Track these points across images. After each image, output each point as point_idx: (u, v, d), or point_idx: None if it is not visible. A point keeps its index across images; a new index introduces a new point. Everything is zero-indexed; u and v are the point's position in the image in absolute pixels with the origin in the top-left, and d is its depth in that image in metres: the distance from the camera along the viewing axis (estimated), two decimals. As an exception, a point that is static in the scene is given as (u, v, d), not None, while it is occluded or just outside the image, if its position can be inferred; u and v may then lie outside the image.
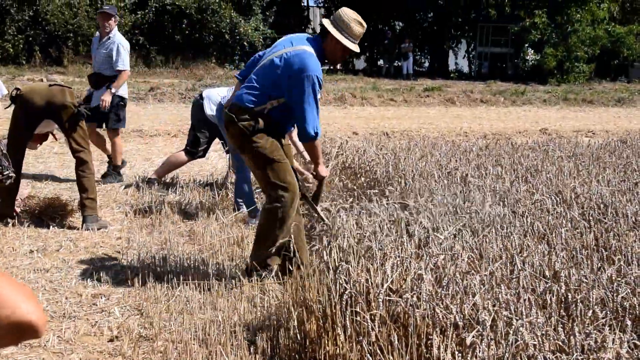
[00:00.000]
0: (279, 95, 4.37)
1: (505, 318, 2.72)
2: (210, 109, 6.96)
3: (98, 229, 5.88)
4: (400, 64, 26.89)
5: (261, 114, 4.37)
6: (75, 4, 20.03)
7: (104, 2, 20.52)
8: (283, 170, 4.42)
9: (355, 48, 4.43)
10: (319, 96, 4.38)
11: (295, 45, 4.40)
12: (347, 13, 4.42)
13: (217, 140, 7.41)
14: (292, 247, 4.44)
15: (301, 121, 4.37)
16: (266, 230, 4.51)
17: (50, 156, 8.90)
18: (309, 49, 4.35)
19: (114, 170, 7.79)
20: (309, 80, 4.27)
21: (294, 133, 6.74)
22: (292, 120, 4.60)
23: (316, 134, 4.39)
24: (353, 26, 4.38)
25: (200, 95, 7.15)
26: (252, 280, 4.45)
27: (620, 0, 27.65)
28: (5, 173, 5.64)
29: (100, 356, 3.61)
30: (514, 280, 3.15)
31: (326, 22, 4.44)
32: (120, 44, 7.62)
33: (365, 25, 4.48)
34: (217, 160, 9.05)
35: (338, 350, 3.01)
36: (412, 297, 2.93)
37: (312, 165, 6.76)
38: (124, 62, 7.64)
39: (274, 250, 4.46)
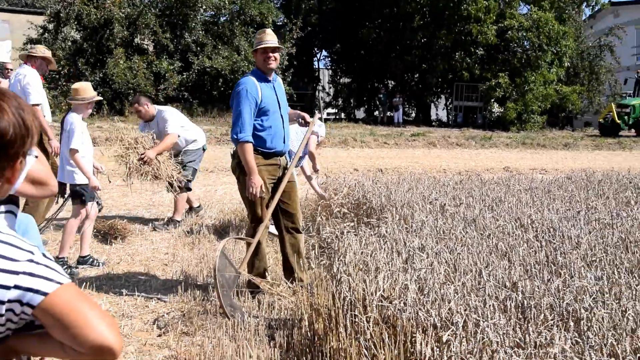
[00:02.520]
0: None
1: (474, 320, 2.72)
2: None
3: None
4: (392, 114, 27.00)
5: None
6: (135, 67, 20.29)
7: (156, 65, 20.83)
8: (257, 205, 4.32)
9: (266, 44, 4.25)
10: (251, 107, 4.20)
11: None
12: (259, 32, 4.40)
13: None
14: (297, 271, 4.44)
15: (231, 127, 4.28)
16: (248, 254, 4.41)
17: (113, 187, 8.94)
18: (245, 76, 4.37)
19: None
20: (239, 94, 4.22)
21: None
22: (276, 139, 4.36)
23: (237, 138, 4.18)
24: (258, 35, 4.33)
25: None
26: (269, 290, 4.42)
27: (566, 66, 27.77)
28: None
29: (151, 348, 3.62)
30: (481, 289, 3.15)
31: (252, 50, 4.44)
32: None
33: (266, 31, 4.35)
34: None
35: (340, 345, 3.01)
36: (399, 303, 2.93)
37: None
38: None
39: (254, 273, 4.38)
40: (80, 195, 5.23)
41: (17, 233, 1.89)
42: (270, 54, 4.31)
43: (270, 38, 4.30)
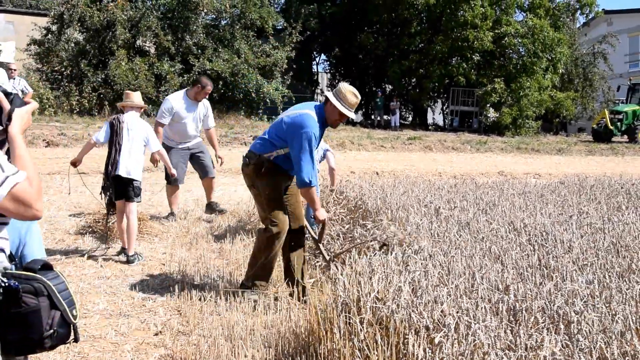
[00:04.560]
0: (283, 146, 4.29)
1: (466, 322, 2.71)
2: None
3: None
4: (389, 118, 27.01)
5: (267, 159, 4.32)
6: (137, 68, 20.27)
7: (157, 67, 20.82)
8: (277, 209, 4.32)
9: (349, 113, 4.31)
10: (314, 150, 4.26)
11: (301, 109, 4.35)
12: (345, 86, 4.34)
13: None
14: (296, 273, 4.43)
15: (298, 170, 4.21)
16: (256, 254, 4.40)
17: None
18: (311, 112, 4.27)
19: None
20: (306, 136, 4.16)
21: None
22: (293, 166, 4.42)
23: (310, 181, 4.20)
24: (348, 96, 4.28)
25: None
26: (255, 292, 4.37)
27: (560, 73, 27.83)
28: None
29: (148, 347, 3.61)
30: (474, 292, 3.14)
31: (328, 93, 4.34)
32: None
33: (359, 97, 4.36)
34: (242, 191, 9.06)
35: (334, 346, 3.00)
36: (393, 304, 2.92)
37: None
38: None
39: (259, 273, 4.36)
40: (137, 190, 5.57)
41: (7, 235, 1.88)
42: (342, 119, 4.38)
43: (353, 108, 4.34)
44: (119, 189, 5.54)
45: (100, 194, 5.83)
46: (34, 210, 1.79)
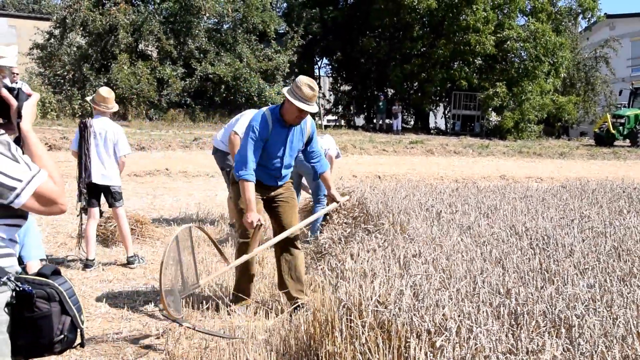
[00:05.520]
0: None
1: (467, 326, 2.71)
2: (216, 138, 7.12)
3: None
4: (391, 122, 27.04)
5: None
6: (139, 72, 20.33)
7: (159, 71, 20.86)
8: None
9: (307, 107, 3.98)
10: (256, 145, 4.02)
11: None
12: (301, 79, 4.04)
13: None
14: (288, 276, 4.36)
15: (234, 160, 4.14)
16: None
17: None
18: (263, 110, 4.16)
19: None
20: (247, 129, 4.07)
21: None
22: (265, 177, 4.20)
23: (241, 176, 3.98)
24: (304, 89, 3.96)
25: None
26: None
27: (562, 77, 27.86)
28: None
29: (149, 350, 3.61)
30: (475, 295, 3.14)
31: (284, 89, 4.10)
32: None
33: (316, 87, 4.02)
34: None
35: (336, 350, 3.00)
36: (395, 308, 2.93)
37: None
38: None
39: (234, 288, 4.36)
40: (117, 195, 5.49)
41: (18, 238, 1.90)
42: (302, 115, 4.08)
43: (311, 101, 4.02)
44: (95, 197, 5.44)
45: (78, 202, 5.50)
46: (59, 205, 1.85)
